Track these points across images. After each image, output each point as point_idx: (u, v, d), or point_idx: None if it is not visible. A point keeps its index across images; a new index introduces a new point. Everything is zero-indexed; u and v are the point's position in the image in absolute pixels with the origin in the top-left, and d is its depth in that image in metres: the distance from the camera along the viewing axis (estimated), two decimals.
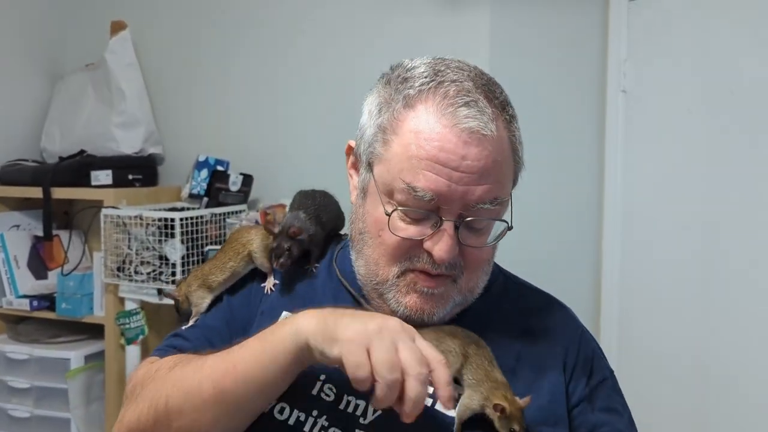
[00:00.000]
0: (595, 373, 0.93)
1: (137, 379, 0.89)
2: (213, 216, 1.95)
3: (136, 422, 0.83)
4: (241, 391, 0.79)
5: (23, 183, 2.13)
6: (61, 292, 2.02)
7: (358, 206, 0.93)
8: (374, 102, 0.90)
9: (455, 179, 0.82)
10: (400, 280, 0.87)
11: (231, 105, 2.24)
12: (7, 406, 2.04)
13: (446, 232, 0.83)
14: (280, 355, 0.77)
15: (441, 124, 0.83)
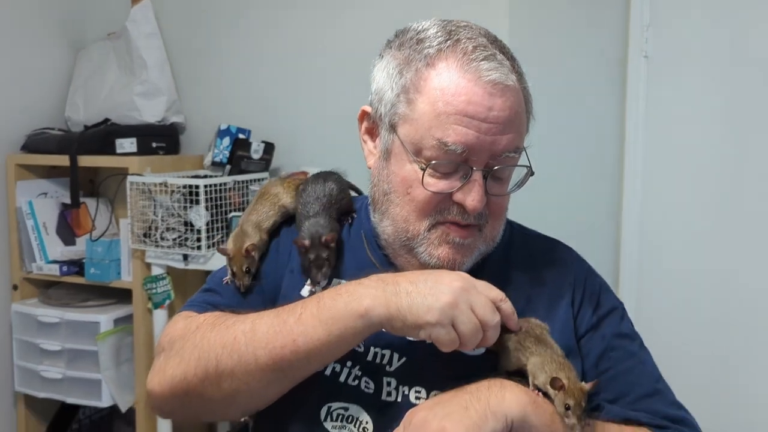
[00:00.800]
0: (602, 304, 0.98)
1: (176, 333, 0.91)
2: (236, 183, 1.98)
3: (182, 377, 0.86)
4: (301, 363, 0.83)
5: (49, 151, 2.18)
6: (90, 257, 2.07)
7: (380, 169, 0.95)
8: (391, 65, 0.92)
9: (483, 130, 0.85)
10: (432, 233, 0.91)
11: (252, 73, 2.25)
12: (40, 367, 2.11)
13: (476, 182, 0.87)
14: (349, 336, 0.81)
15: (465, 79, 0.86)
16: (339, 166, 2.09)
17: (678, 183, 1.84)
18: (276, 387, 0.85)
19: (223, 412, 0.91)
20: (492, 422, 0.77)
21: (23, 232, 2.18)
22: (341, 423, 0.88)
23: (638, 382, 0.92)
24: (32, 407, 2.24)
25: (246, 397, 0.86)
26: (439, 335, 0.79)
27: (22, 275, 2.19)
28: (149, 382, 0.90)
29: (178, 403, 0.88)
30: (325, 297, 0.84)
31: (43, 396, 2.13)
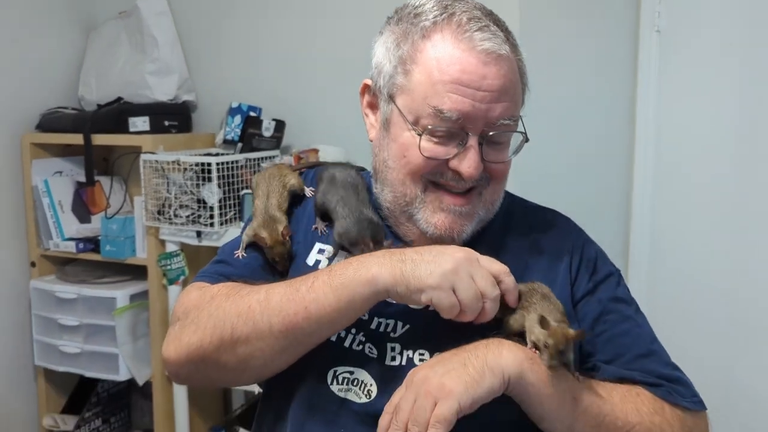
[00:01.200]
0: (598, 270, 1.01)
1: (190, 303, 0.94)
2: (248, 161, 2.00)
3: (198, 345, 0.89)
4: (312, 329, 0.86)
5: (64, 130, 2.20)
6: (105, 234, 2.11)
7: (380, 139, 0.99)
8: (389, 39, 0.96)
9: (478, 98, 0.89)
10: (427, 195, 0.95)
11: (262, 52, 2.25)
12: (59, 342, 2.16)
13: (472, 148, 0.91)
14: (357, 301, 0.84)
15: (460, 49, 0.90)
16: (349, 142, 2.11)
17: (690, 160, 1.83)
18: (289, 353, 0.88)
19: (238, 377, 0.94)
20: (489, 378, 0.80)
21: (39, 210, 2.21)
22: (347, 386, 0.91)
23: (634, 343, 0.95)
24: (52, 381, 2.30)
25: (260, 363, 0.89)
26: (439, 299, 0.81)
27: (40, 252, 2.24)
28: (165, 350, 0.93)
29: (194, 369, 0.91)
30: (336, 267, 0.87)
31: (62, 370, 2.18)
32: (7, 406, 2.23)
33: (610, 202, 1.98)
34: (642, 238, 1.92)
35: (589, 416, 0.84)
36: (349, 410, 0.90)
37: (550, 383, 0.83)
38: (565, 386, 0.84)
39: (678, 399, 0.90)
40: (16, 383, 2.26)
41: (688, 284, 1.85)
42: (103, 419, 2.34)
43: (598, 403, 0.85)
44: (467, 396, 0.79)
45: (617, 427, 0.85)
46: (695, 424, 0.91)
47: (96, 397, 2.31)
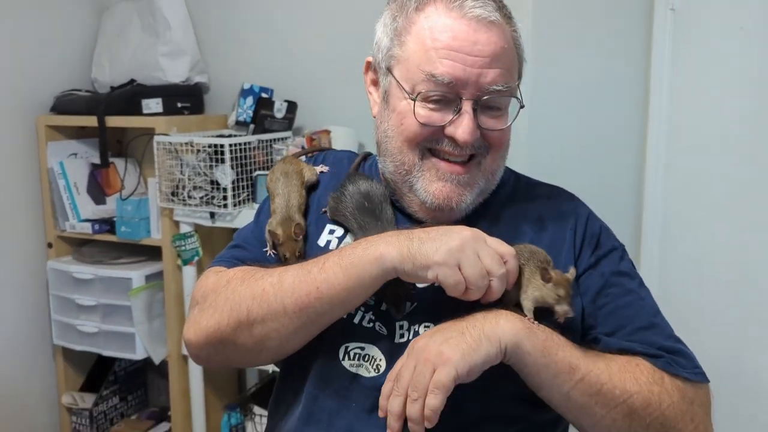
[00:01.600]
0: (602, 245, 1.02)
1: (207, 287, 0.98)
2: (260, 142, 2.01)
3: (216, 327, 0.93)
4: (325, 308, 0.88)
5: (78, 112, 2.22)
6: (120, 216, 2.13)
7: (381, 113, 1.02)
8: (387, 15, 1.01)
9: (469, 63, 0.92)
10: (425, 163, 0.97)
11: (274, 33, 2.25)
12: (76, 322, 2.20)
13: (466, 113, 0.93)
14: (366, 280, 0.86)
15: (451, 17, 0.93)
16: (360, 123, 2.11)
17: (705, 142, 1.82)
18: (303, 332, 0.91)
19: (255, 357, 0.97)
20: (486, 345, 0.82)
21: (55, 192, 2.24)
22: (357, 361, 0.94)
23: (636, 315, 0.95)
24: (70, 359, 2.34)
25: (275, 343, 0.92)
26: (445, 275, 0.83)
27: (56, 234, 2.27)
28: (186, 333, 0.97)
29: (213, 351, 0.95)
30: (345, 248, 0.90)
31: (80, 349, 2.23)
32: (28, 384, 2.28)
33: (622, 185, 1.96)
34: (654, 222, 1.91)
35: (587, 384, 0.85)
36: (359, 384, 0.92)
37: (547, 352, 0.85)
38: (562, 355, 0.85)
39: (678, 370, 0.90)
40: (36, 362, 2.30)
41: (699, 270, 1.84)
42: (120, 397, 2.38)
43: (596, 371, 0.86)
44: (464, 363, 0.81)
45: (615, 396, 0.85)
46: (696, 395, 0.90)
47: (113, 376, 2.36)
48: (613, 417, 0.85)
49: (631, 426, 0.86)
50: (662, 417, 0.86)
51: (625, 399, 0.85)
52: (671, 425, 0.86)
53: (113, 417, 2.36)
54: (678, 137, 1.86)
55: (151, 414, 2.40)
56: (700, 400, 0.90)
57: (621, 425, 0.86)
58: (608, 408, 0.85)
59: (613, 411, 0.85)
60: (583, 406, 0.85)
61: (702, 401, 0.90)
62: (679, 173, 1.87)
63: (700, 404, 0.90)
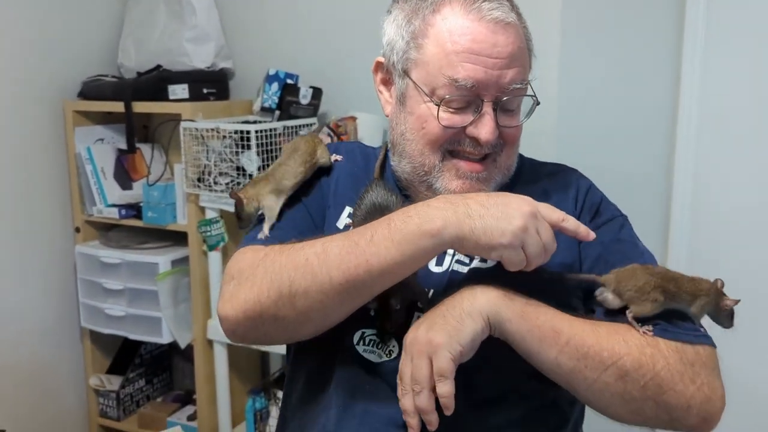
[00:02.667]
0: (601, 213, 1.04)
1: (244, 262, 0.94)
2: (285, 128, 2.00)
3: (255, 300, 0.89)
4: (374, 281, 0.86)
5: (105, 98, 2.23)
6: (147, 201, 2.15)
7: (396, 114, 1.04)
8: (400, 16, 1.01)
9: (490, 65, 0.94)
10: (445, 164, 0.99)
11: (299, 19, 2.24)
12: (104, 305, 2.23)
13: (488, 114, 0.96)
14: (420, 255, 0.84)
15: (469, 20, 0.94)
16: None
17: (735, 125, 1.78)
18: (349, 304, 0.89)
19: (296, 331, 0.93)
20: (469, 322, 0.84)
21: (83, 177, 2.26)
22: (371, 348, 0.95)
23: None
24: (97, 342, 2.38)
25: (320, 315, 0.89)
26: (510, 257, 0.83)
27: (84, 218, 2.29)
28: (221, 309, 0.93)
29: (252, 325, 0.91)
30: (395, 219, 0.86)
31: (107, 332, 2.25)
32: (56, 366, 2.32)
33: (651, 176, 1.93)
34: (683, 212, 1.87)
35: (573, 348, 0.84)
36: (372, 369, 0.94)
37: (528, 317, 0.86)
38: (543, 319, 0.86)
39: (676, 334, 0.88)
40: (64, 345, 2.34)
41: (729, 263, 1.81)
42: (146, 380, 2.42)
43: (581, 334, 0.85)
44: (454, 343, 0.82)
45: (603, 359, 0.84)
46: (698, 356, 0.87)
47: (139, 359, 2.39)
48: (605, 380, 0.84)
49: (626, 389, 0.84)
50: (657, 378, 0.83)
51: (614, 361, 0.84)
52: (669, 386, 0.84)
53: (139, 399, 2.39)
54: (709, 127, 1.82)
55: (176, 397, 2.43)
56: (702, 362, 0.87)
57: (615, 389, 0.84)
58: (598, 371, 0.84)
59: (604, 374, 0.84)
60: (573, 370, 0.85)
61: (705, 362, 0.87)
62: (709, 162, 1.83)
63: (702, 365, 0.87)
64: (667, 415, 0.85)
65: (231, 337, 0.95)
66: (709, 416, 0.85)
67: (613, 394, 0.84)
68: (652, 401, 0.84)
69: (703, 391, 0.85)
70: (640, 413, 0.85)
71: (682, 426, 0.86)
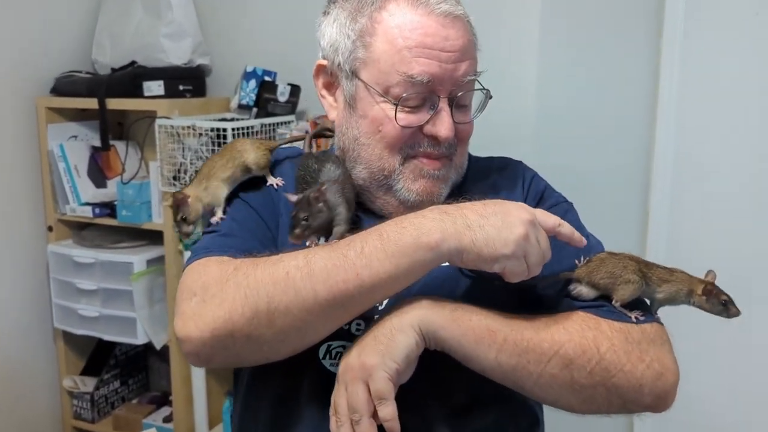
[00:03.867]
0: (545, 199, 1.04)
1: (209, 276, 0.84)
2: (263, 126, 1.98)
3: (226, 318, 0.80)
4: (365, 297, 0.80)
5: (78, 94, 2.18)
6: (121, 199, 2.11)
7: (346, 118, 0.99)
8: (342, 16, 0.98)
9: (444, 59, 0.91)
10: (405, 167, 0.96)
11: (277, 15, 2.21)
12: (77, 306, 2.18)
13: (444, 110, 0.94)
14: (417, 268, 0.79)
15: (418, 14, 0.92)
16: None
17: (713, 126, 1.79)
18: (334, 322, 0.82)
19: (272, 351, 0.84)
20: (401, 337, 0.80)
21: (56, 175, 2.21)
22: (338, 361, 0.88)
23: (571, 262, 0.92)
24: (71, 343, 2.33)
25: (300, 334, 0.81)
26: (513, 267, 0.80)
27: (57, 217, 2.25)
28: (181, 329, 0.82)
29: (220, 346, 0.81)
30: (387, 230, 0.80)
31: (80, 333, 2.21)
32: (29, 367, 2.27)
33: (629, 179, 1.93)
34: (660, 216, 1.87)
35: (512, 344, 0.82)
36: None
37: (460, 321, 0.82)
38: (477, 319, 0.82)
39: (618, 316, 0.86)
40: (37, 346, 2.29)
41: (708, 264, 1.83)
42: (121, 381, 2.38)
43: (518, 329, 0.83)
44: (388, 362, 0.78)
45: (544, 350, 0.81)
46: (644, 334, 0.85)
47: (114, 360, 2.35)
48: (551, 372, 0.81)
49: (573, 378, 0.81)
50: (603, 361, 0.81)
51: (556, 350, 0.81)
52: (617, 368, 0.81)
53: (114, 401, 2.35)
54: (687, 129, 1.83)
55: (152, 398, 2.40)
56: (649, 339, 0.85)
57: (562, 379, 0.82)
58: (542, 364, 0.81)
59: (548, 365, 0.81)
60: (515, 367, 0.82)
61: (652, 339, 0.85)
62: (688, 162, 1.84)
63: (649, 342, 0.84)
64: (619, 399, 0.83)
65: (194, 360, 0.85)
66: (663, 393, 0.83)
67: (561, 385, 0.82)
68: (602, 387, 0.82)
69: (653, 368, 0.82)
70: (593, 401, 0.83)
71: (637, 408, 0.84)
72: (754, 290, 1.75)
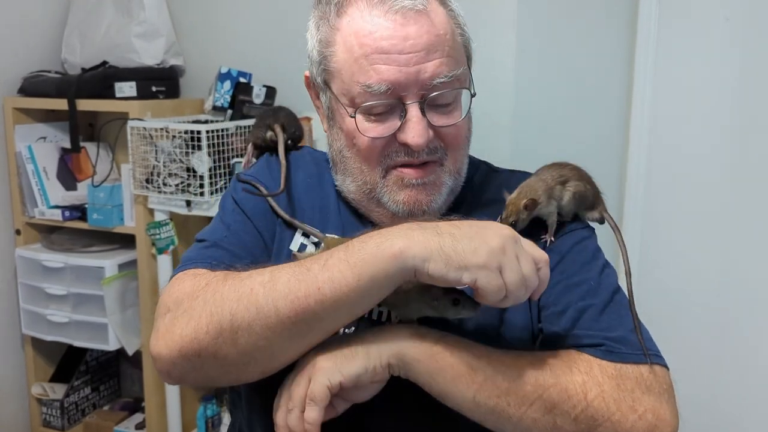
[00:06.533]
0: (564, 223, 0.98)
1: (183, 292, 0.82)
2: (238, 128, 1.95)
3: (192, 336, 0.77)
4: (327, 313, 0.75)
5: (47, 95, 2.13)
6: (92, 202, 2.06)
7: (329, 130, 0.96)
8: (311, 25, 0.94)
9: (403, 62, 0.84)
10: (387, 179, 0.91)
11: (253, 15, 2.19)
12: (46, 311, 2.13)
13: (414, 117, 0.86)
14: (381, 280, 0.73)
15: (374, 15, 0.85)
16: None
17: (688, 135, 1.81)
18: (298, 342, 0.77)
19: (240, 372, 0.80)
20: (362, 358, 0.77)
21: (24, 177, 2.16)
22: None
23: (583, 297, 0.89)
24: (40, 349, 2.28)
25: (266, 355, 0.77)
26: (487, 279, 0.71)
27: (24, 220, 2.19)
28: (154, 346, 0.80)
29: (189, 366, 0.79)
30: (354, 242, 0.76)
31: (50, 339, 2.16)
32: None
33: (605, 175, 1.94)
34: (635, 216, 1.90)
35: (492, 385, 0.77)
36: None
37: (439, 356, 0.78)
38: (458, 356, 0.78)
39: (616, 357, 0.81)
40: (4, 352, 2.23)
41: (682, 264, 1.85)
42: (92, 387, 2.33)
43: (501, 369, 0.78)
44: (335, 371, 0.76)
45: (527, 392, 0.77)
46: (639, 380, 0.79)
47: (85, 366, 2.30)
48: (532, 416, 0.77)
49: (556, 424, 0.77)
50: (590, 409, 0.76)
51: (540, 394, 0.77)
52: (605, 417, 0.76)
53: (85, 408, 2.30)
54: (661, 128, 1.85)
55: (124, 405, 2.35)
56: (645, 386, 0.79)
57: (544, 424, 0.77)
58: (523, 407, 0.77)
59: (530, 409, 0.76)
60: (494, 409, 0.77)
61: (648, 386, 0.79)
62: (661, 166, 1.86)
63: (645, 390, 0.78)
64: None
65: (166, 379, 0.83)
66: None
67: (543, 430, 0.77)
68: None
69: (646, 419, 0.77)
70: None
71: None
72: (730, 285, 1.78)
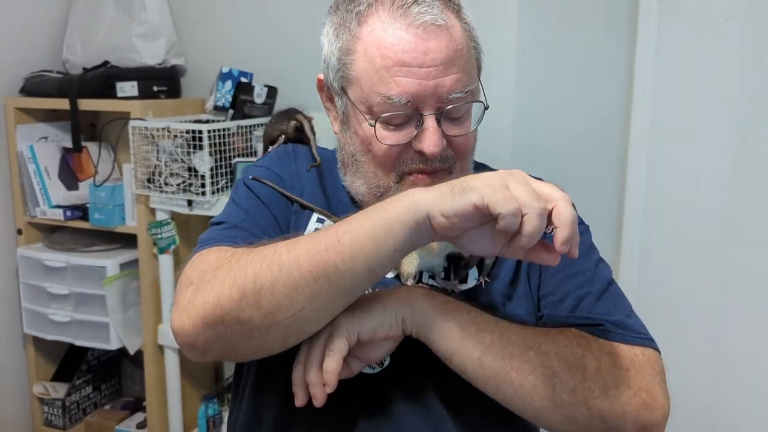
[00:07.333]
0: None
1: (208, 265, 0.82)
2: (239, 128, 1.96)
3: (215, 302, 0.77)
4: (347, 264, 0.74)
5: (49, 95, 2.14)
6: (94, 202, 2.07)
7: (342, 133, 0.99)
8: (330, 30, 0.95)
9: (423, 76, 0.87)
10: (401, 185, 0.94)
11: (254, 15, 2.19)
12: (48, 311, 2.14)
13: (430, 127, 0.89)
14: (396, 228, 0.73)
15: (397, 28, 0.88)
16: None
17: (688, 135, 1.81)
18: (321, 301, 0.76)
19: (263, 338, 0.78)
20: (378, 311, 0.82)
21: (25, 176, 2.16)
22: None
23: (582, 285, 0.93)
24: (41, 349, 2.28)
25: (287, 316, 0.76)
26: (492, 194, 0.69)
27: (26, 220, 2.19)
28: (176, 320, 0.80)
29: (213, 335, 0.78)
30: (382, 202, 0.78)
31: (51, 338, 2.16)
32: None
33: (605, 177, 1.95)
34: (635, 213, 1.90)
35: (498, 346, 0.80)
36: (365, 382, 0.89)
37: (450, 315, 0.82)
38: (467, 318, 0.82)
39: (613, 336, 0.85)
40: (6, 351, 2.24)
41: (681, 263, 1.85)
42: (93, 387, 2.34)
43: (507, 334, 0.81)
44: (353, 324, 0.80)
45: (529, 358, 0.79)
46: (634, 360, 0.83)
47: (86, 365, 2.31)
48: (533, 382, 0.79)
49: (554, 392, 0.79)
50: (588, 381, 0.79)
51: (542, 361, 0.79)
52: (602, 390, 0.79)
53: (86, 407, 2.31)
54: (661, 129, 1.85)
55: (125, 404, 2.36)
56: (639, 366, 0.82)
57: (543, 391, 0.79)
58: (525, 372, 0.79)
59: (531, 375, 0.79)
60: (497, 372, 0.80)
61: (642, 367, 0.82)
62: (662, 165, 1.86)
63: (639, 370, 0.82)
64: (602, 423, 0.79)
65: (190, 352, 0.82)
66: (648, 424, 0.80)
67: (542, 397, 0.79)
68: (583, 406, 0.79)
69: (640, 397, 0.80)
70: (574, 421, 0.80)
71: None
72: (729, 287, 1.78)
